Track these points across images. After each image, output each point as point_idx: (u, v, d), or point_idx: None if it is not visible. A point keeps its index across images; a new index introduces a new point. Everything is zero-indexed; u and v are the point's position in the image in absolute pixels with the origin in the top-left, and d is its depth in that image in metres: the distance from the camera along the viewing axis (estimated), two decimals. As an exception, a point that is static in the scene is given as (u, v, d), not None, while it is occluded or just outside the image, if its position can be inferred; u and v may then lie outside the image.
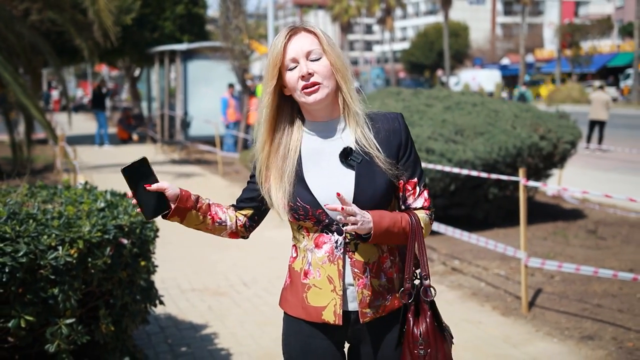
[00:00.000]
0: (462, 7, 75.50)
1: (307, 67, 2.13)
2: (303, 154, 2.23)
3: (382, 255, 2.23)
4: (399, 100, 9.49)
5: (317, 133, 2.25)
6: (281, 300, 2.39)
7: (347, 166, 2.19)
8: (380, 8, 64.77)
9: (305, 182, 2.19)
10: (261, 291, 6.17)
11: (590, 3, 66.21)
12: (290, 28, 2.18)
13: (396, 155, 2.21)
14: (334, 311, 2.21)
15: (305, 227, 2.25)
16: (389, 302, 2.24)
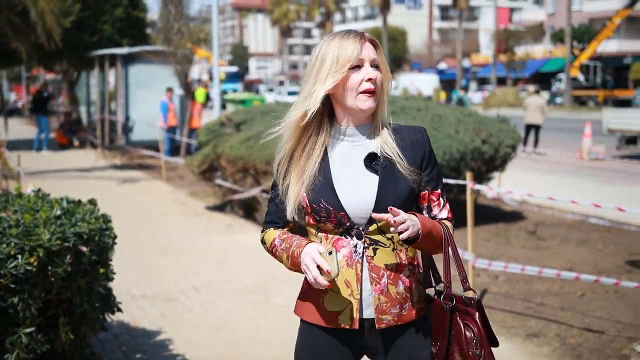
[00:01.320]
0: (400, 12, 76.49)
1: (372, 72, 2.18)
2: (330, 158, 2.26)
3: (400, 263, 2.24)
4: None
5: (346, 138, 2.27)
6: (297, 307, 2.37)
7: (371, 170, 2.22)
8: (320, 12, 65.06)
9: (332, 183, 2.21)
10: (213, 296, 6.19)
11: (523, 10, 67.82)
12: (357, 34, 2.22)
13: (420, 166, 2.25)
14: (351, 315, 2.21)
15: (324, 230, 2.24)
16: (406, 312, 2.24)
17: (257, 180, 8.74)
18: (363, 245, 2.21)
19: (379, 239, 2.23)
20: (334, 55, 2.18)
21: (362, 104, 2.19)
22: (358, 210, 2.19)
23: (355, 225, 2.20)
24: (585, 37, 49.56)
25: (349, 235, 2.22)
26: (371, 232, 2.22)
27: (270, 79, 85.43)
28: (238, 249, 7.95)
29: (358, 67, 2.18)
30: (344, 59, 2.16)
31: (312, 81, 2.21)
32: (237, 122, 10.20)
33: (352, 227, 2.21)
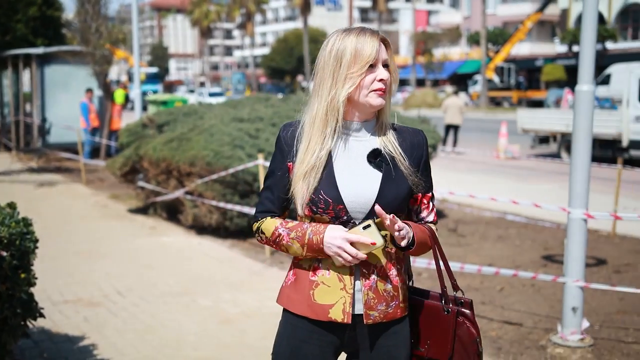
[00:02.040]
0: (320, 13, 76.93)
1: (384, 73, 2.20)
2: (334, 151, 2.25)
3: (389, 261, 2.25)
4: (268, 106, 9.63)
5: (350, 132, 2.27)
6: (282, 297, 2.34)
7: (374, 166, 2.23)
8: (241, 13, 64.81)
9: (333, 176, 2.20)
10: (138, 299, 6.10)
11: (440, 12, 69.29)
12: (372, 32, 2.23)
13: (417, 168, 2.27)
14: (343, 309, 2.21)
15: (319, 222, 2.23)
16: (391, 310, 2.25)
17: (180, 182, 8.65)
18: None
19: None
20: (351, 53, 2.18)
21: (374, 100, 2.21)
22: (357, 205, 2.19)
23: (352, 219, 2.20)
24: (500, 40, 51.09)
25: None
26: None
27: (191, 80, 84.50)
28: (162, 251, 7.85)
29: (372, 67, 2.20)
30: (363, 60, 2.18)
31: (330, 80, 2.21)
32: (160, 123, 10.07)
33: (349, 221, 2.20)
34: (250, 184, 7.91)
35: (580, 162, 4.80)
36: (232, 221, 8.16)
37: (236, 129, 8.48)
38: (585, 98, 4.78)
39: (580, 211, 4.81)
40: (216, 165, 7.92)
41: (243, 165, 7.70)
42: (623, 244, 8.21)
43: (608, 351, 4.86)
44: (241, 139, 8.26)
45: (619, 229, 8.68)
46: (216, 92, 47.46)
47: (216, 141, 8.22)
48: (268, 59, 69.48)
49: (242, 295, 6.19)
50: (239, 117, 8.93)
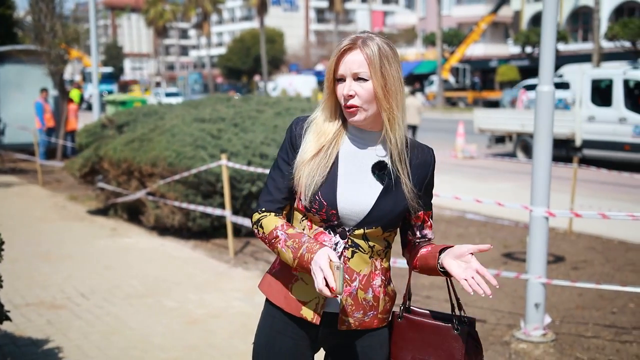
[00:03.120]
0: (276, 13, 76.92)
1: (349, 88, 2.14)
2: (340, 154, 2.23)
3: (373, 271, 2.23)
4: (229, 106, 9.61)
5: (356, 139, 2.24)
6: (264, 283, 2.35)
7: (377, 178, 2.20)
8: (197, 13, 64.38)
9: (335, 180, 2.19)
10: (102, 301, 6.04)
11: (396, 13, 69.84)
12: (350, 42, 2.15)
13: (421, 187, 2.25)
14: (314, 310, 2.21)
15: (310, 220, 2.23)
16: (368, 319, 2.24)
17: (142, 183, 8.58)
18: (343, 246, 2.20)
19: (361, 243, 2.21)
20: (327, 67, 2.20)
21: (347, 116, 2.19)
22: (350, 213, 2.17)
23: (342, 225, 2.19)
24: (455, 41, 51.71)
25: (333, 232, 2.21)
26: (355, 235, 2.19)
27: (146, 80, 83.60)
28: (125, 253, 7.78)
29: (343, 80, 2.16)
30: (328, 71, 2.19)
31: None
32: (119, 123, 9.97)
33: (339, 226, 2.19)
34: (213, 185, 7.88)
35: (542, 161, 4.91)
36: (195, 222, 8.13)
37: (198, 129, 8.45)
38: (546, 98, 4.90)
39: (542, 209, 4.93)
40: (178, 165, 7.88)
41: (206, 166, 7.68)
42: (579, 241, 8.40)
43: (569, 346, 4.98)
44: (203, 139, 8.23)
45: (575, 227, 8.88)
46: (173, 92, 47.04)
47: (178, 142, 8.18)
48: (224, 59, 69.14)
49: (208, 295, 6.17)
50: (201, 117, 8.89)
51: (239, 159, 7.88)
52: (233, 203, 7.78)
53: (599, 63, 29.84)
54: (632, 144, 15.22)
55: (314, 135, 2.23)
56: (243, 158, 7.95)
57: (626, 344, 5.01)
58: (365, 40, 2.14)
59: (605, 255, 7.63)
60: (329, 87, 2.21)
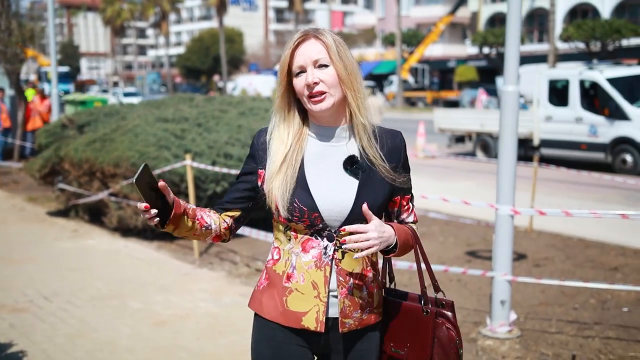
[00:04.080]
0: (235, 13, 76.62)
1: (312, 76, 2.11)
2: (306, 157, 2.20)
3: (365, 267, 2.21)
4: (192, 106, 9.55)
5: (321, 137, 2.21)
6: (254, 302, 2.29)
7: (350, 174, 2.18)
8: (155, 12, 63.77)
9: (307, 184, 2.15)
10: (66, 304, 5.95)
11: (355, 14, 70.11)
12: (302, 34, 2.16)
13: (396, 171, 2.21)
14: (316, 317, 2.17)
15: (294, 229, 2.19)
16: (366, 317, 2.23)
17: (104, 184, 8.47)
18: (333, 248, 2.17)
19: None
20: (282, 59, 2.18)
21: (313, 107, 2.14)
22: (333, 213, 2.14)
23: (328, 227, 2.15)
24: (414, 41, 52.13)
25: (319, 237, 2.17)
26: (343, 236, 2.14)
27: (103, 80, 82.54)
28: (88, 254, 7.68)
29: (302, 72, 2.14)
30: (282, 68, 2.16)
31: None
32: (80, 124, 9.83)
33: (324, 229, 2.16)
34: (178, 185, 7.82)
35: (507, 160, 4.99)
36: (159, 223, 8.04)
37: (161, 129, 8.38)
38: (511, 98, 4.97)
39: (508, 207, 5.00)
40: (142, 166, 7.79)
41: (170, 166, 7.62)
42: (540, 239, 8.54)
43: (534, 341, 5.06)
44: (167, 139, 8.17)
45: (535, 225, 9.02)
46: (131, 92, 46.49)
47: (141, 142, 8.10)
48: (183, 59, 68.58)
49: (174, 297, 6.13)
50: (164, 117, 8.82)
51: (203, 159, 7.84)
52: (197, 203, 7.73)
53: (555, 64, 30.36)
54: (588, 143, 15.52)
55: (276, 144, 2.20)
56: (207, 158, 7.91)
57: (588, 339, 5.11)
58: (317, 30, 2.18)
59: (565, 253, 7.77)
60: (283, 86, 2.18)
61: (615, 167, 14.78)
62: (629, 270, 6.95)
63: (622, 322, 5.44)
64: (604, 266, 7.13)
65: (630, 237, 8.32)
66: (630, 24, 37.52)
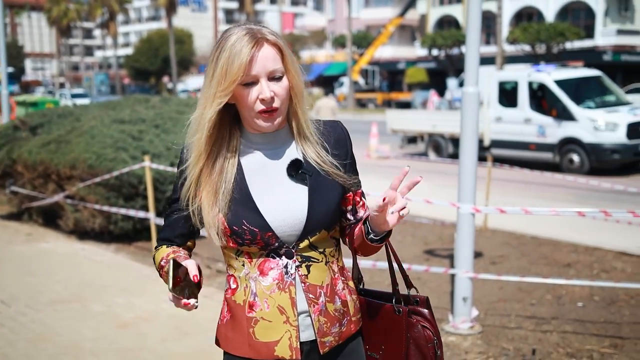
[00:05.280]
0: (184, 14, 76.00)
1: (269, 91, 1.86)
2: (245, 170, 1.96)
3: (334, 276, 2.01)
4: (149, 107, 9.48)
5: (257, 145, 1.98)
6: (219, 339, 2.06)
7: (297, 180, 1.96)
8: (102, 12, 62.83)
9: (253, 202, 1.91)
10: (25, 308, 5.85)
11: (305, 15, 70.24)
12: (253, 37, 1.85)
13: (344, 165, 2.01)
14: (290, 345, 1.94)
15: (246, 253, 1.96)
16: (345, 328, 2.03)
17: (60, 186, 8.35)
18: (295, 265, 1.95)
19: (311, 254, 1.97)
20: (222, 67, 1.84)
21: (262, 123, 1.91)
22: (287, 228, 1.92)
23: (285, 244, 1.93)
24: (364, 43, 52.53)
25: (277, 256, 1.94)
26: (302, 249, 1.95)
27: (49, 81, 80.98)
28: (44, 258, 7.56)
29: (253, 83, 1.86)
30: (230, 78, 1.83)
31: (204, 93, 1.89)
32: (32, 125, 9.66)
33: (281, 247, 1.93)
34: (136, 187, 7.77)
35: (468, 159, 5.10)
36: (117, 225, 7.98)
37: (118, 130, 8.30)
38: (471, 99, 5.09)
39: (469, 206, 5.11)
40: (99, 168, 7.72)
41: (128, 168, 7.56)
42: (494, 237, 8.72)
43: (495, 337, 5.18)
44: (124, 141, 8.10)
45: (489, 224, 9.20)
46: (80, 94, 45.74)
47: (98, 143, 8.01)
48: (132, 60, 67.73)
49: (136, 299, 6.08)
50: (120, 118, 8.74)
51: (161, 161, 7.80)
52: (156, 205, 7.68)
53: (502, 66, 30.93)
54: (537, 144, 15.87)
55: (200, 163, 1.93)
56: (166, 159, 7.87)
57: (547, 334, 5.25)
58: (264, 32, 1.89)
59: (520, 250, 7.96)
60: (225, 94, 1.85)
61: (563, 167, 15.15)
62: (581, 267, 7.16)
63: (577, 316, 5.61)
64: (558, 263, 7.33)
65: (581, 234, 8.56)
66: (573, 27, 38.54)
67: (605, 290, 6.21)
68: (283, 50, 1.89)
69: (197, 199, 1.95)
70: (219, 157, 1.94)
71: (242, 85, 1.86)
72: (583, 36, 39.17)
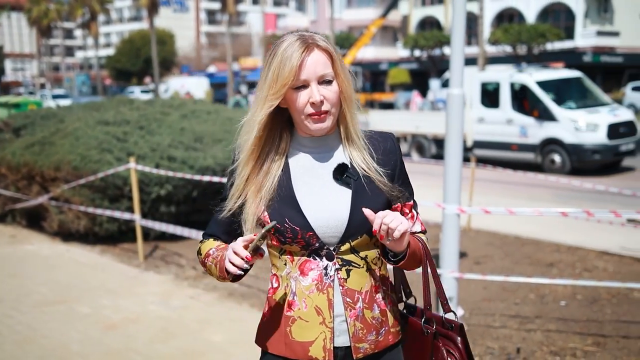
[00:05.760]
0: (166, 15, 75.68)
1: (319, 94, 1.92)
2: (292, 172, 2.01)
3: (374, 284, 2.03)
4: (133, 109, 9.47)
5: (307, 148, 2.04)
6: (259, 337, 2.11)
7: (342, 184, 1.99)
8: (83, 12, 62.41)
9: (296, 202, 1.96)
10: (10, 310, 5.84)
11: (287, 16, 70.19)
12: (304, 43, 1.92)
13: (392, 177, 2.05)
14: (324, 346, 1.97)
15: (289, 252, 2.00)
16: (382, 338, 2.03)
17: (44, 188, 8.32)
18: (334, 267, 1.98)
19: (352, 259, 1.99)
20: (274, 72, 1.91)
21: (312, 126, 1.96)
22: (328, 230, 1.95)
23: (325, 245, 1.96)
24: (346, 44, 52.53)
25: (317, 257, 1.98)
26: (343, 252, 1.98)
27: (29, 82, 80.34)
28: (29, 260, 7.53)
29: (304, 87, 1.92)
30: (282, 81, 1.90)
31: (257, 96, 1.97)
32: (16, 127, 9.62)
33: (322, 248, 1.97)
34: (121, 188, 7.76)
35: (453, 160, 5.15)
36: (102, 226, 7.97)
37: (103, 132, 8.29)
38: (456, 101, 5.14)
39: (454, 207, 5.17)
40: (84, 169, 7.71)
41: (113, 169, 7.55)
42: (478, 237, 8.80)
43: (480, 336, 5.24)
44: (109, 142, 8.09)
45: (473, 224, 9.28)
46: (61, 94, 45.42)
47: (82, 145, 8.00)
48: (113, 60, 67.28)
49: (123, 300, 6.09)
50: (104, 120, 8.72)
51: (146, 162, 7.79)
52: (141, 206, 7.68)
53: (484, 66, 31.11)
54: (518, 144, 16.01)
55: (250, 163, 2.00)
56: (151, 161, 7.87)
57: (531, 332, 5.32)
58: (316, 38, 1.96)
59: (503, 250, 8.04)
60: (276, 98, 1.93)
61: (544, 167, 15.29)
62: (563, 266, 7.24)
63: (561, 315, 5.69)
64: (541, 262, 7.41)
65: (563, 234, 8.66)
66: (554, 29, 38.81)
67: (588, 289, 6.30)
68: (333, 55, 1.95)
69: (243, 197, 2.01)
70: (267, 158, 2.01)
71: (293, 89, 1.93)
72: (563, 37, 39.47)
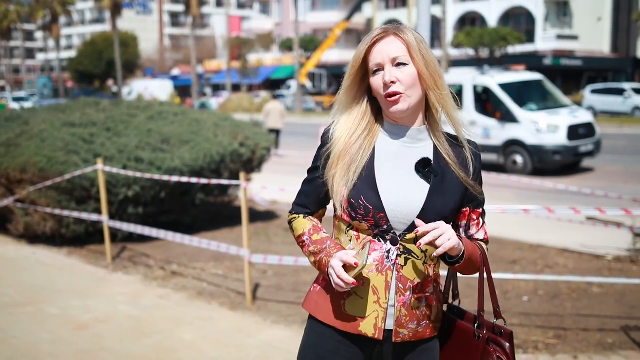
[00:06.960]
0: (129, 17, 75.12)
1: (390, 75, 2.03)
2: (377, 155, 2.11)
3: (427, 279, 2.10)
4: (99, 110, 9.44)
5: (395, 136, 2.13)
6: (309, 302, 2.21)
7: (422, 177, 2.08)
8: (44, 14, 61.61)
9: (375, 181, 2.06)
10: (-22, 313, 5.82)
11: (252, 19, 70.14)
12: (382, 30, 2.08)
13: (473, 181, 2.14)
14: (375, 324, 2.08)
15: (356, 229, 2.10)
16: (421, 329, 2.13)
17: (10, 190, 8.27)
18: (396, 252, 2.07)
19: (413, 249, 2.07)
20: (354, 55, 2.11)
21: (389, 107, 2.07)
22: (399, 215, 2.04)
23: (393, 229, 2.06)
24: (311, 47, 52.74)
25: (382, 239, 2.07)
26: (407, 240, 2.06)
27: (-12, 84, 79.03)
28: (12, 259, 7.48)
29: (380, 70, 2.06)
30: (352, 65, 2.10)
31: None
32: (-21, 129, 9.51)
33: (389, 231, 2.06)
34: (88, 190, 7.75)
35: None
36: (69, 228, 7.94)
37: (69, 134, 8.26)
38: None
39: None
40: (50, 171, 7.68)
41: (81, 171, 7.54)
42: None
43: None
44: (75, 144, 8.07)
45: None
46: (22, 97, 44.79)
47: (48, 147, 7.97)
48: (75, 63, 66.62)
49: (92, 301, 6.10)
50: (71, 121, 8.69)
51: (114, 164, 7.79)
52: (109, 208, 7.68)
53: (447, 69, 31.49)
54: (481, 145, 16.14)
55: (338, 135, 2.13)
56: (118, 162, 7.87)
57: (495, 327, 5.46)
58: (398, 27, 2.08)
59: (467, 248, 8.18)
60: (351, 80, 2.13)
61: (507, 168, 15.55)
62: (526, 263, 7.42)
63: (524, 309, 5.84)
64: (504, 260, 7.57)
65: (525, 233, 8.85)
66: (515, 32, 39.45)
67: (549, 285, 6.47)
68: (408, 41, 2.05)
69: (333, 170, 2.11)
70: (359, 139, 2.11)
71: (373, 74, 2.08)
72: (524, 41, 40.18)
